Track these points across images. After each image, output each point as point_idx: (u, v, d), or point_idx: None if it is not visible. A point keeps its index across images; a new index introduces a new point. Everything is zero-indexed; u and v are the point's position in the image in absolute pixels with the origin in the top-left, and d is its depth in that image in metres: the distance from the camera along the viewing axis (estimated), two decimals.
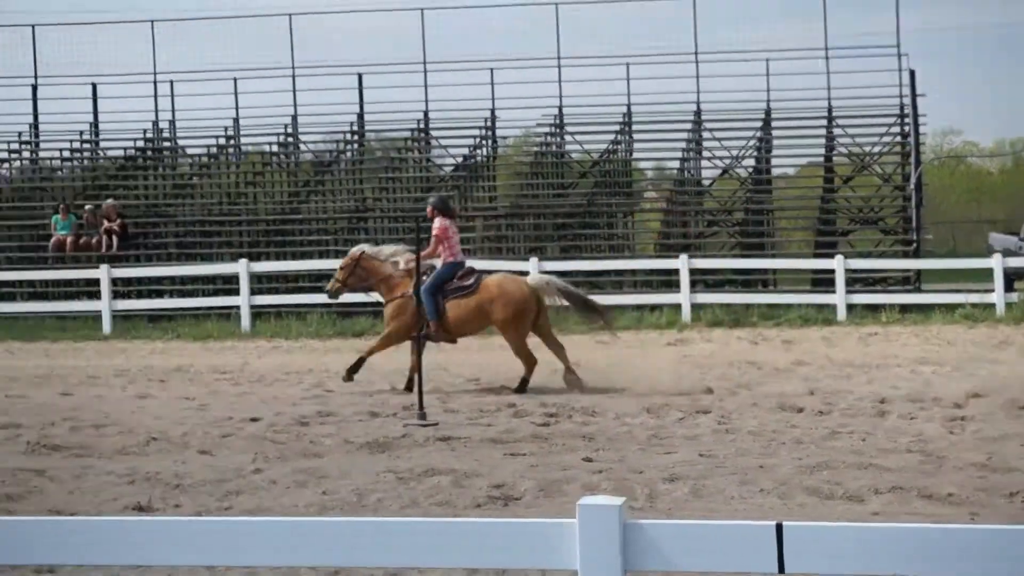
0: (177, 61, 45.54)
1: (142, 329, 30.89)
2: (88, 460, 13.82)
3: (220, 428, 15.87)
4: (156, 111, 42.39)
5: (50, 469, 13.21)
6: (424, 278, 19.65)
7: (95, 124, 42.99)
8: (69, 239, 35.95)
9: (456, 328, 19.90)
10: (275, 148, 42.43)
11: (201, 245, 36.80)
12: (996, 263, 31.14)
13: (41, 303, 34.11)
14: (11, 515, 10.87)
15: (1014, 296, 30.94)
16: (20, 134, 42.84)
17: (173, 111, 42.45)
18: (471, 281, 19.90)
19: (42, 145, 43.39)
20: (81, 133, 42.79)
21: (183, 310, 32.84)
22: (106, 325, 31.71)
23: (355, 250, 21.00)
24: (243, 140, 42.69)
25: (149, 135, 42.48)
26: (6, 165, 43.15)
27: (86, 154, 43.04)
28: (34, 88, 42.89)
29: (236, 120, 42.00)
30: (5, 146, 42.73)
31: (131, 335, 30.31)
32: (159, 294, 34.51)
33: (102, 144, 43.13)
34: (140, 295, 34.30)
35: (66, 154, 42.93)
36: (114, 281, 32.57)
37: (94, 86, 42.66)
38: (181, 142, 42.93)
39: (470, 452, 13.92)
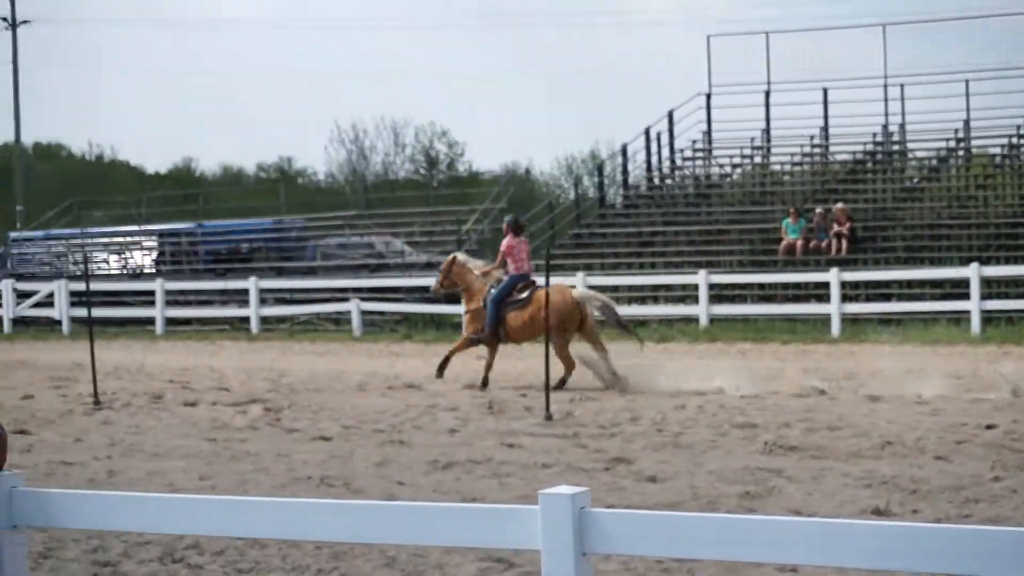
0: (908, 63, 45.40)
1: (870, 333, 30.96)
2: (824, 462, 14.00)
3: (955, 434, 15.71)
4: (886, 115, 42.42)
5: (787, 469, 13.50)
6: (492, 290, 22.64)
7: (825, 128, 43.46)
8: (799, 242, 36.55)
9: (515, 335, 22.64)
10: (1006, 150, 41.53)
11: (929, 249, 36.50)
12: None
13: (770, 305, 34.77)
14: (752, 512, 11.22)
15: None
16: (752, 140, 43.93)
17: (903, 114, 42.35)
18: (526, 294, 22.46)
19: (773, 150, 44.32)
20: (811, 138, 43.40)
21: (911, 314, 32.71)
22: (835, 328, 32.05)
23: (451, 255, 24.09)
24: (973, 143, 42.04)
25: (878, 139, 42.56)
26: (738, 170, 44.35)
27: (816, 158, 43.60)
28: (767, 94, 43.84)
29: (966, 122, 41.39)
30: (738, 151, 43.94)
31: (859, 338, 30.44)
32: (886, 297, 34.45)
33: (831, 148, 43.55)
34: (868, 298, 34.38)
35: (796, 159, 43.65)
36: (843, 284, 32.87)
37: (824, 91, 43.12)
38: (910, 145, 42.74)
39: None
